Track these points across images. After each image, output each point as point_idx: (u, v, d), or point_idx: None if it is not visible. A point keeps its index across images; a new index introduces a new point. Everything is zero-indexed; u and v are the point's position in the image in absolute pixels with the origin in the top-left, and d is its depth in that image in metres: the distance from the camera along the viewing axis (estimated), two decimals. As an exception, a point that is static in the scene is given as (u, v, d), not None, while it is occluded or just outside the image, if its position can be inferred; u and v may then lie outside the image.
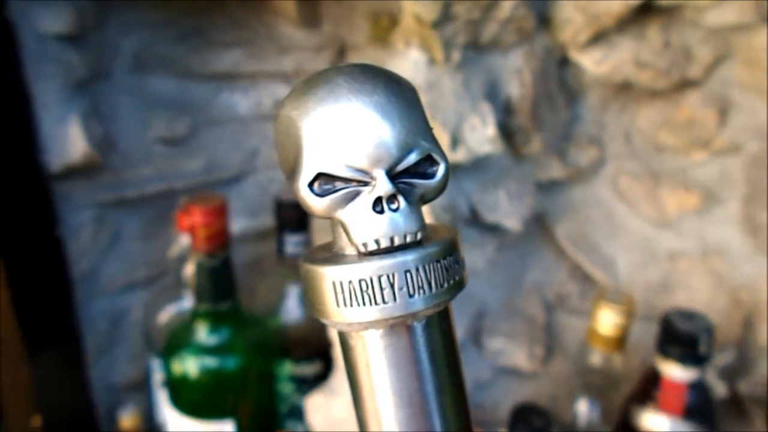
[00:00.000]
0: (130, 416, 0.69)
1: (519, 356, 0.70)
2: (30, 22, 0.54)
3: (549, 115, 0.58)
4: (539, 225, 0.68)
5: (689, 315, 0.51)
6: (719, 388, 0.54)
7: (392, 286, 0.18)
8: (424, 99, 0.50)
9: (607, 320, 0.57)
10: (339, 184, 0.19)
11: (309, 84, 0.19)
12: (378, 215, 0.18)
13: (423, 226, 0.19)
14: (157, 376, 0.70)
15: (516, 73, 0.55)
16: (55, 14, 0.55)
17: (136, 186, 0.66)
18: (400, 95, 0.19)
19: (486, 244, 0.62)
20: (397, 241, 0.18)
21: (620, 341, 0.58)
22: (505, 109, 0.56)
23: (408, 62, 0.51)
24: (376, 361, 0.19)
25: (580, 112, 0.62)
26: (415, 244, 0.19)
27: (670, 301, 0.62)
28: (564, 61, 0.59)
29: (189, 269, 0.61)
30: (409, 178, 0.19)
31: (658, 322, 0.52)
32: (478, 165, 0.55)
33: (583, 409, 0.61)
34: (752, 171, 0.57)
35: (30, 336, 0.59)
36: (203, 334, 0.60)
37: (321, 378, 0.68)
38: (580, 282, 0.69)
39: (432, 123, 0.51)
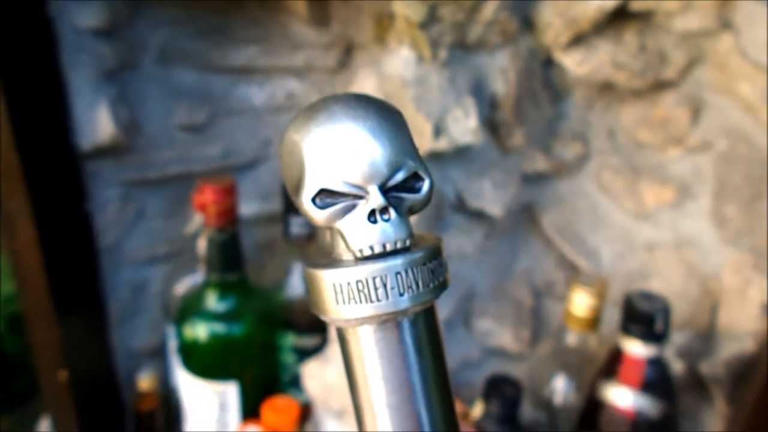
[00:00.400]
0: (148, 378, 0.76)
1: (506, 338, 0.74)
2: (68, 17, 0.61)
3: (532, 111, 0.63)
4: (529, 216, 0.73)
5: (649, 296, 0.56)
6: (677, 366, 0.58)
7: (385, 286, 0.20)
8: (412, 92, 0.56)
9: (581, 302, 0.61)
10: (337, 198, 0.21)
11: (310, 110, 0.21)
12: (372, 225, 0.21)
13: (411, 234, 0.21)
14: (172, 342, 0.77)
15: (501, 72, 0.60)
16: (91, 11, 0.62)
17: (159, 167, 0.73)
18: (390, 120, 0.21)
19: (473, 230, 0.67)
20: (388, 248, 0.21)
21: (594, 322, 0.62)
22: (491, 105, 0.61)
23: (399, 59, 0.57)
24: (369, 353, 0.21)
25: (566, 109, 0.67)
26: (404, 250, 0.21)
27: (647, 289, 0.66)
28: (549, 62, 0.64)
29: (200, 243, 0.67)
30: (398, 193, 0.22)
31: (621, 304, 0.57)
32: (463, 155, 0.60)
33: (559, 385, 0.65)
34: (721, 168, 0.61)
35: (60, 299, 0.65)
36: (212, 301, 0.66)
37: (320, 349, 0.74)
38: (566, 270, 0.74)
39: (417, 114, 0.56)
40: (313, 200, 0.21)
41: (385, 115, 0.21)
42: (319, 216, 0.21)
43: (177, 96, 0.73)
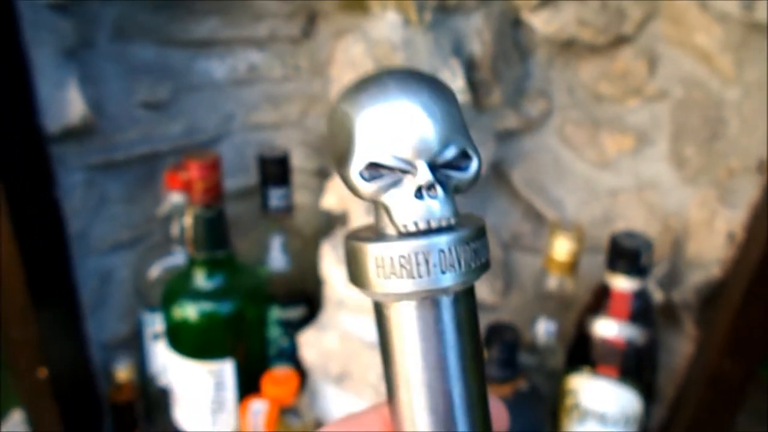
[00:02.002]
0: (125, 368, 0.74)
1: (482, 290, 0.78)
2: (26, -9, 0.57)
3: (506, 70, 0.66)
4: (495, 173, 0.76)
5: (632, 235, 0.60)
6: (657, 295, 0.64)
7: (427, 263, 0.20)
8: (401, 56, 0.57)
9: (562, 247, 0.66)
10: (385, 172, 0.21)
11: (363, 83, 0.21)
12: (418, 201, 0.21)
13: (456, 213, 0.21)
14: (150, 329, 0.75)
15: (477, 33, 0.62)
16: (48, -17, 0.58)
17: (124, 149, 0.70)
18: (442, 96, 0.21)
19: (453, 188, 0.70)
20: (433, 225, 0.21)
21: (572, 266, 0.67)
22: (468, 65, 0.63)
23: (385, 23, 0.58)
24: (408, 329, 0.21)
25: (530, 68, 0.70)
26: (448, 228, 0.21)
27: (611, 232, 0.71)
28: (516, 23, 0.67)
29: (186, 222, 0.65)
30: (446, 170, 0.21)
31: (606, 245, 0.61)
32: (447, 115, 0.62)
33: (541, 328, 0.70)
34: (677, 113, 0.66)
35: (35, 294, 0.62)
36: (201, 280, 0.65)
37: (305, 321, 0.75)
38: (533, 222, 0.78)
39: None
40: (361, 173, 0.21)
41: (438, 91, 0.21)
42: (366, 189, 0.21)
43: (136, 73, 0.70)
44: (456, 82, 0.58)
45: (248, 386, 0.67)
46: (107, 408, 0.75)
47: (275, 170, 0.70)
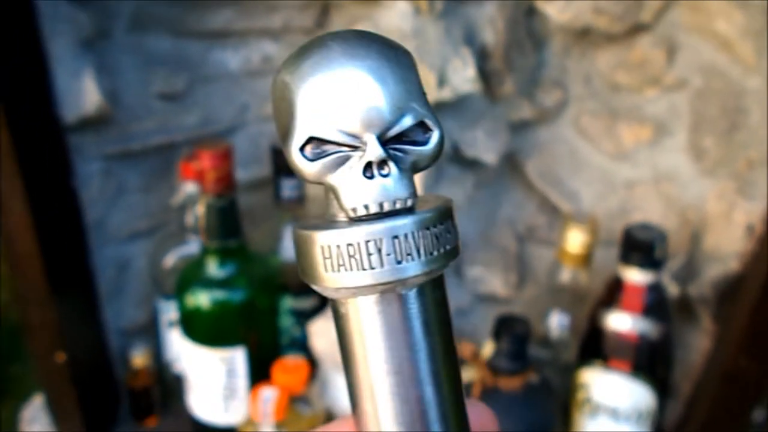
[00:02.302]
0: (142, 355, 0.75)
1: (495, 283, 0.77)
2: (42, -18, 0.58)
3: (519, 59, 0.65)
4: (510, 165, 0.76)
5: (646, 226, 0.59)
6: (673, 288, 0.63)
7: (379, 251, 0.18)
8: (411, 44, 0.56)
9: (576, 239, 0.65)
10: (330, 148, 0.18)
11: (304, 49, 0.19)
12: (368, 180, 0.18)
13: (413, 193, 0.19)
14: (165, 317, 0.76)
15: (490, 22, 0.62)
16: (64, -25, 0.59)
17: (140, 139, 0.71)
18: (394, 60, 0.18)
19: (465, 179, 0.69)
20: (386, 207, 0.18)
21: (586, 258, 0.66)
22: (481, 55, 0.62)
23: (395, 13, 0.57)
24: (368, 329, 0.19)
25: (546, 57, 0.69)
26: (405, 211, 0.18)
27: (628, 224, 0.70)
28: (531, 11, 0.66)
29: (198, 211, 0.66)
30: (402, 145, 0.19)
31: (620, 237, 0.60)
32: (459, 105, 0.62)
33: (554, 321, 0.69)
34: (696, 103, 0.65)
35: (53, 281, 0.63)
36: (213, 268, 0.66)
37: (317, 311, 0.75)
38: (548, 215, 0.77)
39: (420, 65, 0.57)
40: (302, 150, 0.18)
41: (389, 53, 0.18)
42: (308, 168, 0.19)
43: (153, 64, 0.71)
44: (467, 71, 0.58)
45: (261, 374, 0.68)
46: (124, 393, 0.76)
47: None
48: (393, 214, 0.18)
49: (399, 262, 0.18)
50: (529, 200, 0.77)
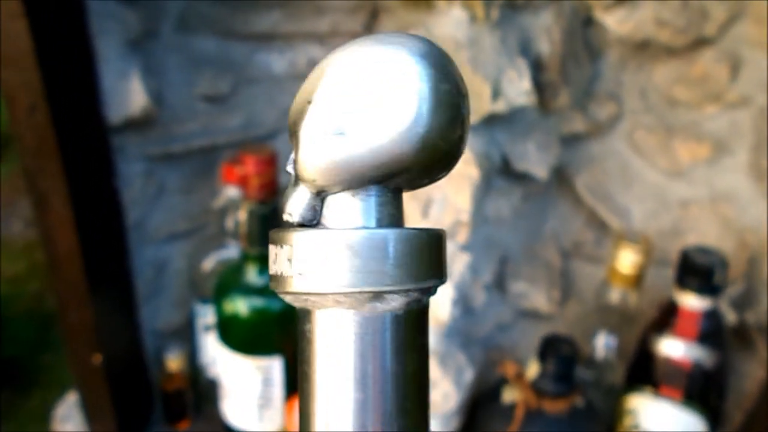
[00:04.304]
0: (176, 358, 0.74)
1: (539, 299, 0.75)
2: (93, -19, 0.57)
3: (574, 71, 0.63)
4: (558, 177, 0.73)
5: (705, 250, 0.57)
6: (729, 316, 0.60)
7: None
8: (467, 54, 0.55)
9: (627, 259, 0.62)
10: None
11: None
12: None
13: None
14: (201, 320, 0.75)
15: (546, 32, 0.59)
16: (115, -26, 0.59)
17: (182, 140, 0.70)
18: None
19: (513, 192, 0.67)
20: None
21: (637, 279, 0.63)
22: (536, 66, 0.60)
23: (450, 20, 0.55)
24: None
25: (601, 69, 0.67)
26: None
27: (681, 245, 0.67)
28: (588, 21, 0.64)
29: (240, 216, 0.65)
30: None
31: (676, 259, 0.58)
32: (511, 117, 0.60)
33: (601, 342, 0.67)
34: (760, 122, 0.62)
35: (92, 281, 0.63)
36: (253, 275, 0.65)
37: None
38: (595, 231, 0.75)
39: (474, 76, 0.55)
40: None
41: None
42: None
43: (198, 65, 0.70)
44: (522, 83, 0.56)
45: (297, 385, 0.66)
46: (157, 395, 0.75)
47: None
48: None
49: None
50: (577, 215, 0.75)
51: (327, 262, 0.17)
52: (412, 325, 0.18)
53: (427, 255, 0.18)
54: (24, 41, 0.48)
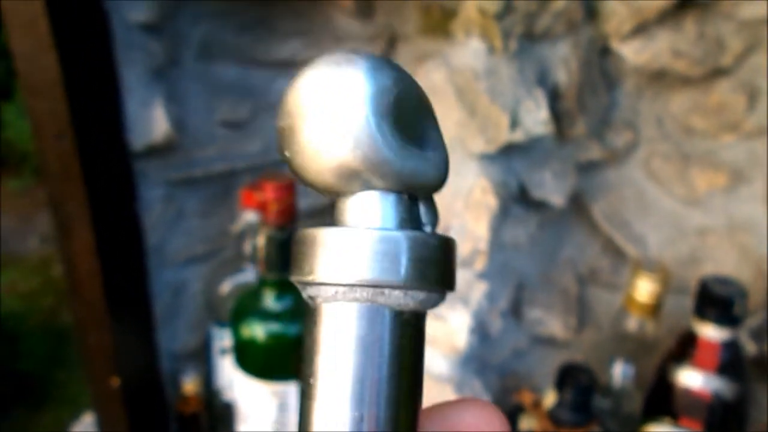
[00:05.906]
0: (192, 381, 0.75)
1: (555, 325, 0.75)
2: (120, 11, 0.59)
3: (591, 100, 0.63)
4: (575, 205, 0.74)
5: (724, 280, 0.57)
6: (749, 347, 0.60)
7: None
8: (485, 84, 0.55)
9: (644, 288, 0.62)
10: None
11: None
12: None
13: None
14: (218, 343, 0.75)
15: (563, 62, 0.60)
16: (141, 4, 0.60)
17: (202, 165, 0.71)
18: None
19: (529, 220, 0.67)
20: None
21: (655, 308, 0.63)
22: (553, 95, 0.61)
23: (468, 50, 0.56)
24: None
25: (617, 98, 0.67)
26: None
27: (698, 273, 0.67)
28: (604, 51, 0.64)
29: (258, 242, 0.66)
30: None
31: (694, 289, 0.57)
32: (528, 146, 0.60)
33: (618, 370, 0.66)
34: (778, 152, 0.62)
35: (112, 305, 0.63)
36: (270, 300, 0.65)
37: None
38: (611, 258, 0.75)
39: (492, 106, 0.56)
40: None
41: None
42: None
43: (218, 92, 0.71)
44: (540, 113, 0.56)
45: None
46: (173, 417, 0.76)
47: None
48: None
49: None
50: (593, 242, 0.75)
51: (340, 256, 0.18)
52: (415, 328, 0.18)
53: (435, 260, 0.19)
54: (53, 72, 0.49)
